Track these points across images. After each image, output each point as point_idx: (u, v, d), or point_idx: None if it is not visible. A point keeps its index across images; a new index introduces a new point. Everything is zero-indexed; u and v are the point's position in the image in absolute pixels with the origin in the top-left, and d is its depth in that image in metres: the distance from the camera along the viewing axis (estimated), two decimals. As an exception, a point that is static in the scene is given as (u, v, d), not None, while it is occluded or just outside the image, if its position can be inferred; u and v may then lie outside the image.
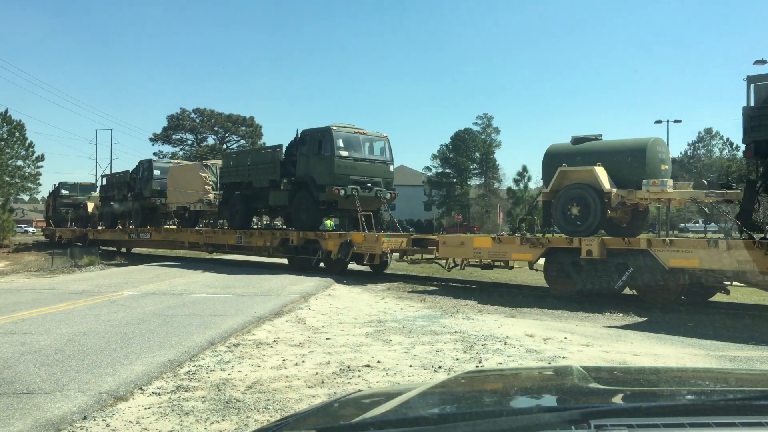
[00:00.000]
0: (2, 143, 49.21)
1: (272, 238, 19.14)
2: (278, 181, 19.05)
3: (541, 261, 13.21)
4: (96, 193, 36.95)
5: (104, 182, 32.65)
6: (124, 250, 30.32)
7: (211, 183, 23.15)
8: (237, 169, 20.96)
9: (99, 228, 31.66)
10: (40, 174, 53.92)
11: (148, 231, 26.11)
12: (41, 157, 53.16)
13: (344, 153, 17.53)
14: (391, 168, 18.94)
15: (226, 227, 23.01)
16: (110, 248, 30.20)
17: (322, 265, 18.08)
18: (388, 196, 18.56)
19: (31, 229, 69.93)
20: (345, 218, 21.72)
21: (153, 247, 28.44)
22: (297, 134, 18.56)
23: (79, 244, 30.37)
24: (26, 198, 67.38)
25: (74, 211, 36.34)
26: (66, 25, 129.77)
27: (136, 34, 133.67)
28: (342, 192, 17.17)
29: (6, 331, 8.38)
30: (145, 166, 27.91)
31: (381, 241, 15.94)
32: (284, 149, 19.34)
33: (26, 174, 52.82)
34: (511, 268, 14.37)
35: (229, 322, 9.18)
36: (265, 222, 32.20)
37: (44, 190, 53.73)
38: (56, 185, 39.97)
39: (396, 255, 17.83)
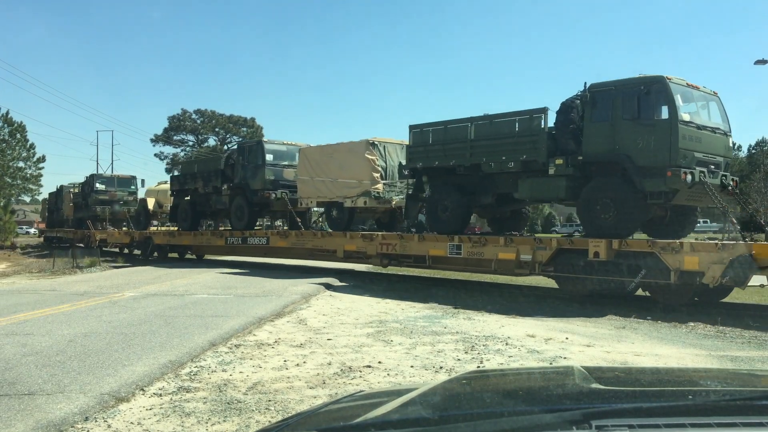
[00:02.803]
0: (3, 145, 49.28)
1: (535, 248, 12.71)
2: (542, 162, 12.71)
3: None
4: (155, 186, 30.57)
5: (177, 172, 25.06)
6: (192, 256, 24.69)
7: (380, 169, 16.74)
8: (444, 147, 14.48)
9: (174, 230, 25.00)
10: (41, 175, 54.01)
11: (264, 235, 19.82)
12: (42, 159, 53.26)
13: (686, 117, 11.25)
14: (731, 142, 12.57)
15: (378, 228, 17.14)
16: (172, 254, 25.35)
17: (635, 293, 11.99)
18: (731, 184, 12.20)
19: (32, 230, 70.10)
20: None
21: (263, 256, 21.39)
22: (584, 89, 12.15)
23: (138, 251, 25.74)
24: (27, 199, 67.50)
25: (110, 209, 30.72)
26: (66, 26, 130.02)
27: (136, 34, 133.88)
28: (689, 177, 10.91)
29: (7, 332, 8.39)
30: (252, 148, 20.48)
31: None
32: (546, 115, 13.02)
33: (27, 175, 52.89)
34: None
35: (231, 323, 9.18)
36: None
37: (45, 192, 53.64)
38: (88, 177, 33.68)
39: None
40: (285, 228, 21.36)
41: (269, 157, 19.88)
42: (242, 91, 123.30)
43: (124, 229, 29.04)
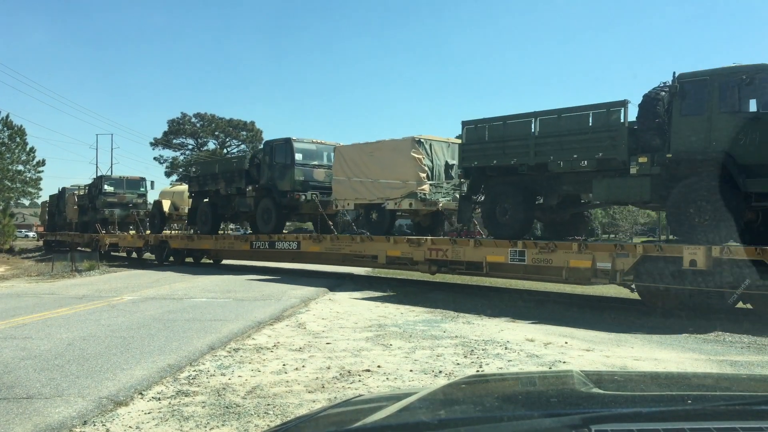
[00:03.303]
0: (3, 148, 49.27)
1: (615, 255, 11.35)
2: (622, 161, 11.51)
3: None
4: (170, 188, 29.61)
5: (195, 172, 23.64)
6: (209, 261, 23.74)
7: (426, 169, 15.49)
8: (504, 144, 13.17)
9: (192, 233, 23.54)
10: (41, 179, 53.95)
11: (294, 239, 18.51)
12: (42, 162, 53.24)
13: None
14: None
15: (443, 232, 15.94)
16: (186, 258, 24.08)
17: None
18: None
19: (31, 234, 70.10)
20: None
21: (291, 261, 20.06)
22: (673, 79, 10.84)
23: (152, 255, 24.84)
24: (27, 203, 67.47)
25: (120, 212, 29.68)
26: (67, 30, 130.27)
27: (137, 39, 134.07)
28: None
29: (6, 335, 8.39)
30: (280, 147, 19.09)
31: None
32: (626, 108, 11.69)
33: (27, 179, 52.83)
34: None
35: (230, 327, 9.17)
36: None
37: (45, 195, 53.54)
38: (95, 179, 32.47)
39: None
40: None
41: (298, 157, 18.68)
42: (242, 95, 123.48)
43: (132, 232, 27.94)
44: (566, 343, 8.40)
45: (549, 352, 7.73)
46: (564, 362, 7.20)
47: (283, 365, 6.91)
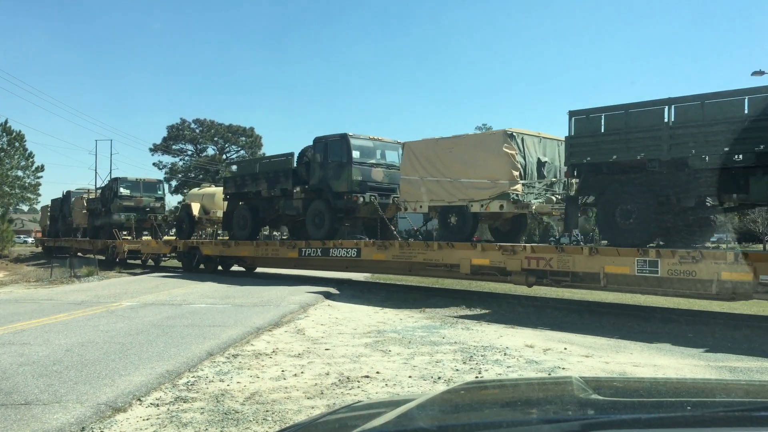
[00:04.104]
0: (2, 154, 49.32)
1: None
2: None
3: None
4: (199, 190, 27.16)
5: (232, 172, 21.98)
6: (239, 268, 21.96)
7: (519, 167, 13.56)
8: (627, 137, 11.35)
9: (226, 239, 21.67)
10: (39, 184, 54.03)
11: (353, 246, 16.65)
12: (41, 168, 53.29)
13: None
14: None
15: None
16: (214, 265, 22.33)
17: None
18: None
19: (30, 240, 70.07)
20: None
21: (344, 270, 18.50)
22: None
23: (180, 263, 23.27)
24: (26, 208, 67.49)
25: (137, 217, 28.07)
26: (66, 35, 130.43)
27: (136, 44, 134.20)
28: None
29: (4, 341, 8.37)
30: (335, 144, 17.20)
31: None
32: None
33: (26, 184, 52.88)
34: None
35: (228, 333, 9.16)
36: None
37: (44, 201, 53.55)
38: (109, 180, 30.65)
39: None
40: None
41: (355, 154, 16.79)
42: (241, 100, 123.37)
43: (146, 237, 26.72)
44: (565, 349, 8.39)
45: (548, 358, 7.73)
46: (563, 368, 7.20)
47: (282, 371, 6.90)
